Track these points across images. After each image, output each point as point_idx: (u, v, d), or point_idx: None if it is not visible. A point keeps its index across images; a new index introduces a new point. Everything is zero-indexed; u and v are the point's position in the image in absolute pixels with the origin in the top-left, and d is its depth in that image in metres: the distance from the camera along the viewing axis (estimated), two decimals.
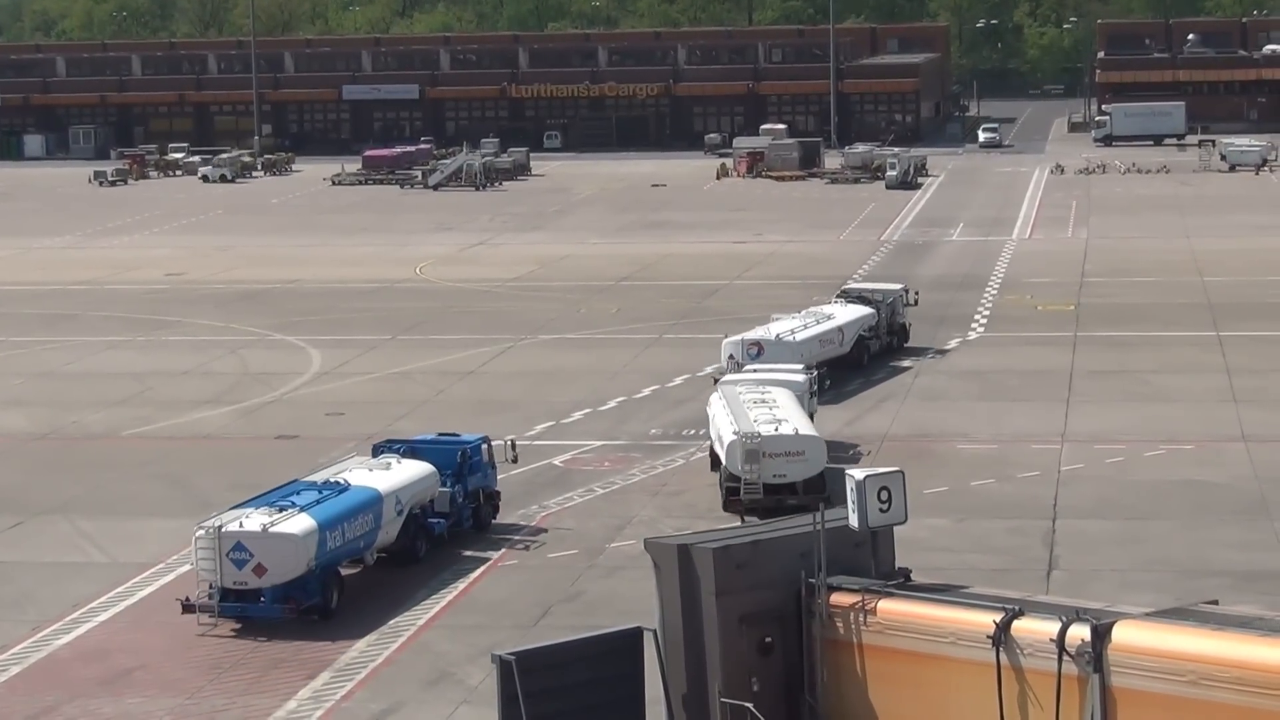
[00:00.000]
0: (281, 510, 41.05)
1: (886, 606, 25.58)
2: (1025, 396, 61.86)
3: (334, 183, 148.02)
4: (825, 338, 64.44)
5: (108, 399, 64.55)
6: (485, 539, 46.61)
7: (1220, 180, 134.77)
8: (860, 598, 25.87)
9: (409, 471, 45.06)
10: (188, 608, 40.29)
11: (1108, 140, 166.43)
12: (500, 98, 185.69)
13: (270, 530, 40.04)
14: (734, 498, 48.27)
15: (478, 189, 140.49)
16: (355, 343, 74.48)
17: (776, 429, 48.97)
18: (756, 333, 63.51)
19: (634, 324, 77.36)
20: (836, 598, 26.09)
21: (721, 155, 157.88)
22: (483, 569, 43.97)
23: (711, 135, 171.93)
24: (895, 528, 26.92)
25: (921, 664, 25.04)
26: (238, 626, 40.02)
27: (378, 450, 47.07)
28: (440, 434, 49.64)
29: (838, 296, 71.49)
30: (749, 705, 25.93)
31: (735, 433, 48.70)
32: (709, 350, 69.79)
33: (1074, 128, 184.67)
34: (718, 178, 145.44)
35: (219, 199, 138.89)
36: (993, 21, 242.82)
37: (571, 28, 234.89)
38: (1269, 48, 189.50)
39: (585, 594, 41.85)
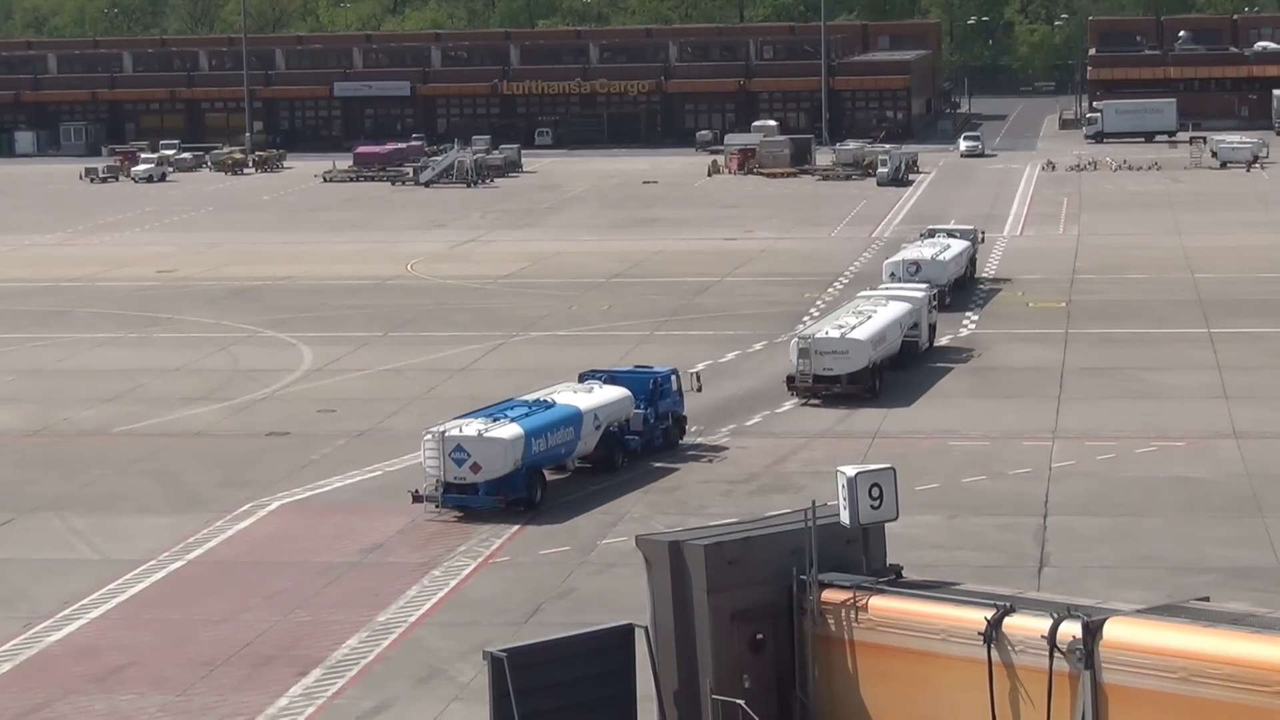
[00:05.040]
0: (495, 420, 48.96)
1: (878, 603, 25.56)
2: (1016, 393, 61.89)
3: (325, 179, 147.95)
4: (957, 260, 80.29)
5: (98, 396, 64.51)
6: (673, 455, 53.96)
7: (1211, 177, 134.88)
8: (852, 594, 25.86)
9: (607, 394, 52.79)
10: (417, 498, 48.07)
11: (1099, 137, 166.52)
12: (491, 94, 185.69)
13: (484, 435, 47.93)
14: (791, 386, 60.46)
15: (469, 186, 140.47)
16: (346, 339, 74.48)
17: (826, 332, 60.96)
18: (912, 253, 79.11)
19: (625, 320, 77.35)
20: (828, 594, 26.07)
21: (713, 152, 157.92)
22: (474, 565, 43.98)
23: (703, 132, 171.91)
24: (886, 524, 26.91)
25: (913, 661, 25.03)
26: (459, 515, 47.91)
27: (582, 378, 54.93)
28: (635, 366, 58.19)
29: (922, 235, 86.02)
30: (740, 702, 25.91)
31: (795, 334, 62.69)
32: (700, 347, 69.94)
33: (1065, 124, 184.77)
34: (709, 174, 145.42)
35: (210, 196, 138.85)
36: (984, 18, 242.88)
37: (563, 24, 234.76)
38: (1260, 45, 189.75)
39: (577, 591, 41.85)
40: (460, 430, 48.32)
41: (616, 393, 53.09)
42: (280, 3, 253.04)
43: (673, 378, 55.67)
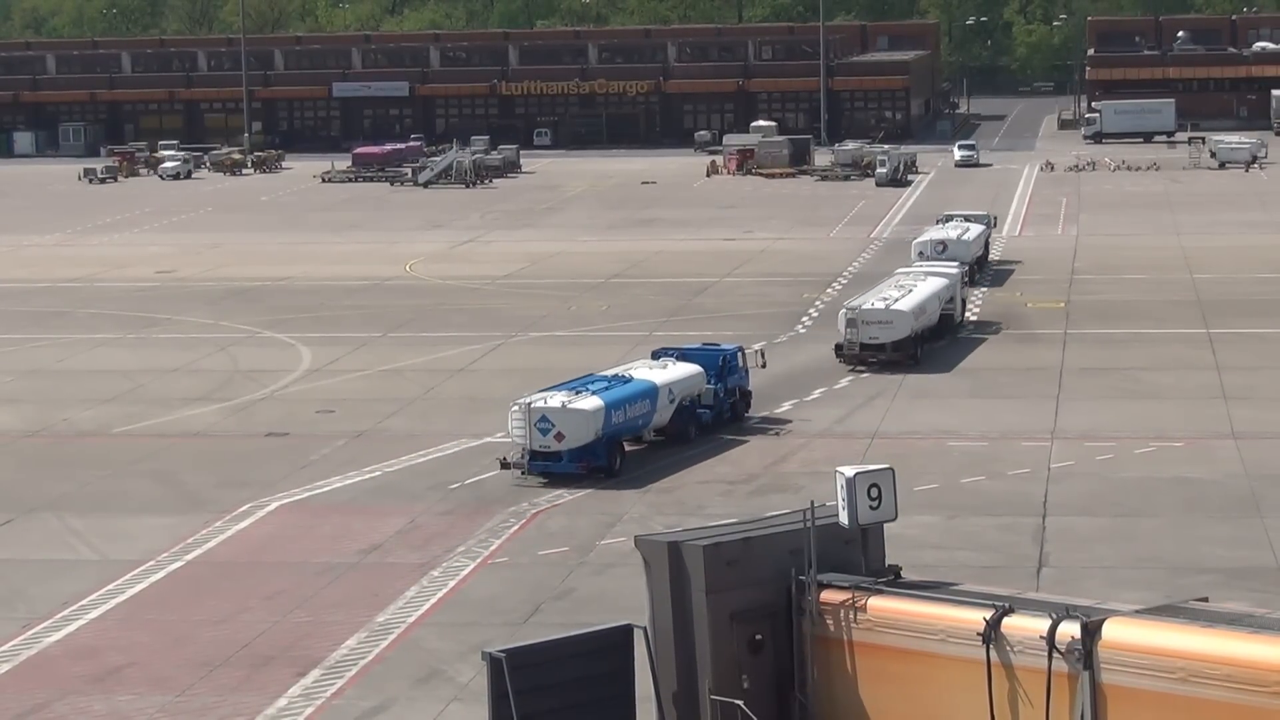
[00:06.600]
0: (578, 393, 52.35)
1: (877, 604, 25.56)
2: (1015, 394, 61.89)
3: (324, 180, 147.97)
4: (978, 240, 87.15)
5: (97, 396, 64.50)
6: (740, 427, 57.25)
7: (1210, 177, 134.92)
8: (850, 595, 25.86)
9: (680, 370, 56.14)
10: (505, 465, 51.45)
11: (1098, 137, 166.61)
12: (490, 95, 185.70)
13: (568, 406, 51.33)
14: (839, 354, 65.45)
15: (467, 186, 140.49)
16: (345, 340, 74.48)
17: (871, 303, 65.98)
18: (938, 234, 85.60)
19: (624, 321, 77.37)
20: (827, 595, 26.08)
21: (711, 152, 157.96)
22: (473, 566, 43.98)
23: (701, 132, 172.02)
24: (885, 525, 26.91)
25: (912, 661, 25.03)
26: (544, 480, 51.16)
27: (656, 355, 58.34)
28: (704, 343, 60.98)
29: (939, 220, 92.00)
30: (739, 703, 25.91)
31: (844, 305, 67.58)
32: None
33: (1064, 125, 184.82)
34: (708, 175, 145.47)
35: (209, 197, 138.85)
36: (983, 19, 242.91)
37: (561, 25, 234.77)
38: (1258, 45, 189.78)
39: (576, 591, 41.83)
40: (545, 402, 51.76)
41: (689, 369, 56.40)
42: (279, 3, 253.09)
43: (739, 355, 58.83)
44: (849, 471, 26.29)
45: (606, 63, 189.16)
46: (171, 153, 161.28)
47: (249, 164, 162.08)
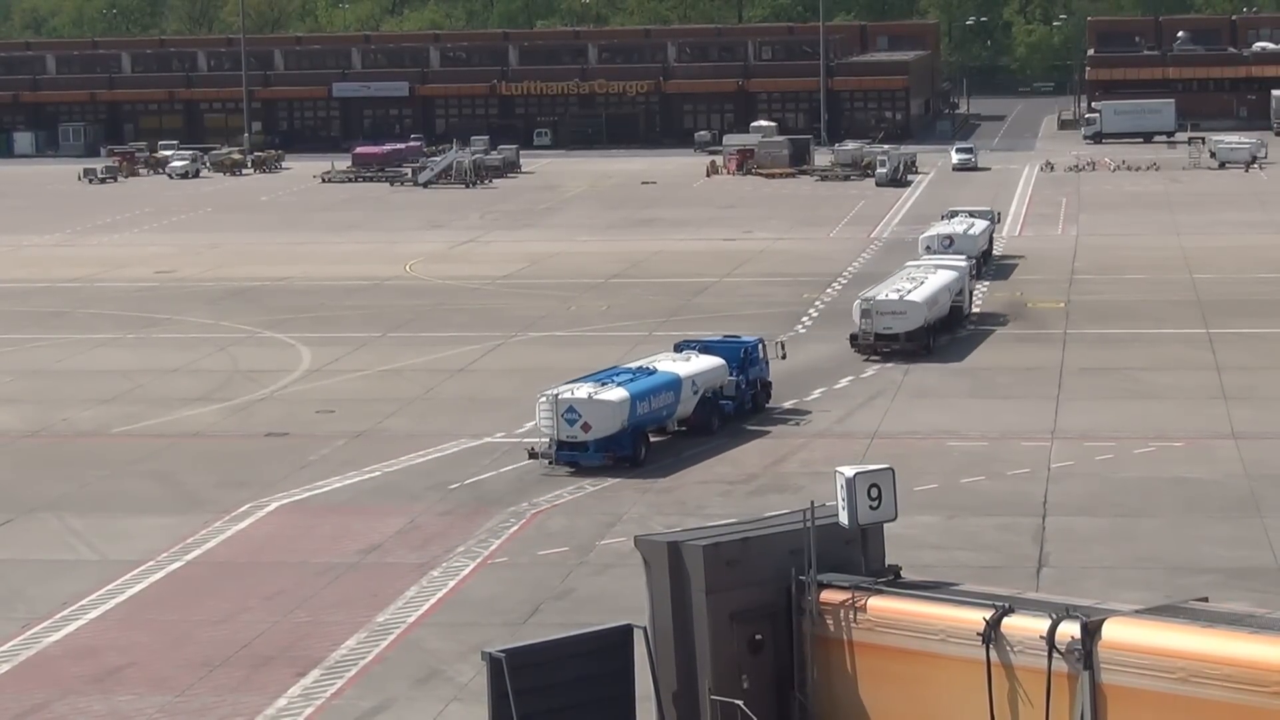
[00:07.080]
0: (604, 384, 53.48)
1: (877, 604, 25.56)
2: (1015, 393, 61.89)
3: (324, 180, 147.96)
4: (983, 235, 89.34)
5: (97, 396, 64.49)
6: (761, 418, 58.48)
7: (1210, 178, 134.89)
8: (850, 595, 25.85)
9: (703, 362, 57.32)
10: (532, 455, 52.73)
11: (1097, 138, 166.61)
12: (490, 95, 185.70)
13: (594, 397, 52.44)
14: (855, 344, 67.41)
15: (467, 186, 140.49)
16: (345, 340, 74.48)
17: (886, 295, 67.90)
18: (945, 229, 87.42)
19: (624, 321, 77.37)
20: (827, 595, 26.07)
21: (711, 153, 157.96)
22: (473, 566, 43.97)
23: (701, 133, 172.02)
24: (885, 525, 26.90)
25: (912, 661, 25.03)
26: (571, 470, 52.30)
27: (679, 348, 59.45)
28: (725, 335, 62.43)
29: (945, 216, 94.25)
30: (739, 703, 25.90)
31: (859, 296, 69.36)
32: None
33: (1064, 125, 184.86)
34: (708, 175, 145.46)
35: (208, 197, 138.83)
36: (982, 19, 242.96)
37: (561, 25, 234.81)
38: (1258, 45, 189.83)
39: (575, 591, 41.83)
40: (572, 393, 52.84)
41: (712, 361, 57.58)
42: (279, 3, 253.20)
43: (760, 347, 60.15)
44: (849, 471, 26.27)
45: (606, 63, 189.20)
46: (178, 151, 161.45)
47: (249, 164, 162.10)
